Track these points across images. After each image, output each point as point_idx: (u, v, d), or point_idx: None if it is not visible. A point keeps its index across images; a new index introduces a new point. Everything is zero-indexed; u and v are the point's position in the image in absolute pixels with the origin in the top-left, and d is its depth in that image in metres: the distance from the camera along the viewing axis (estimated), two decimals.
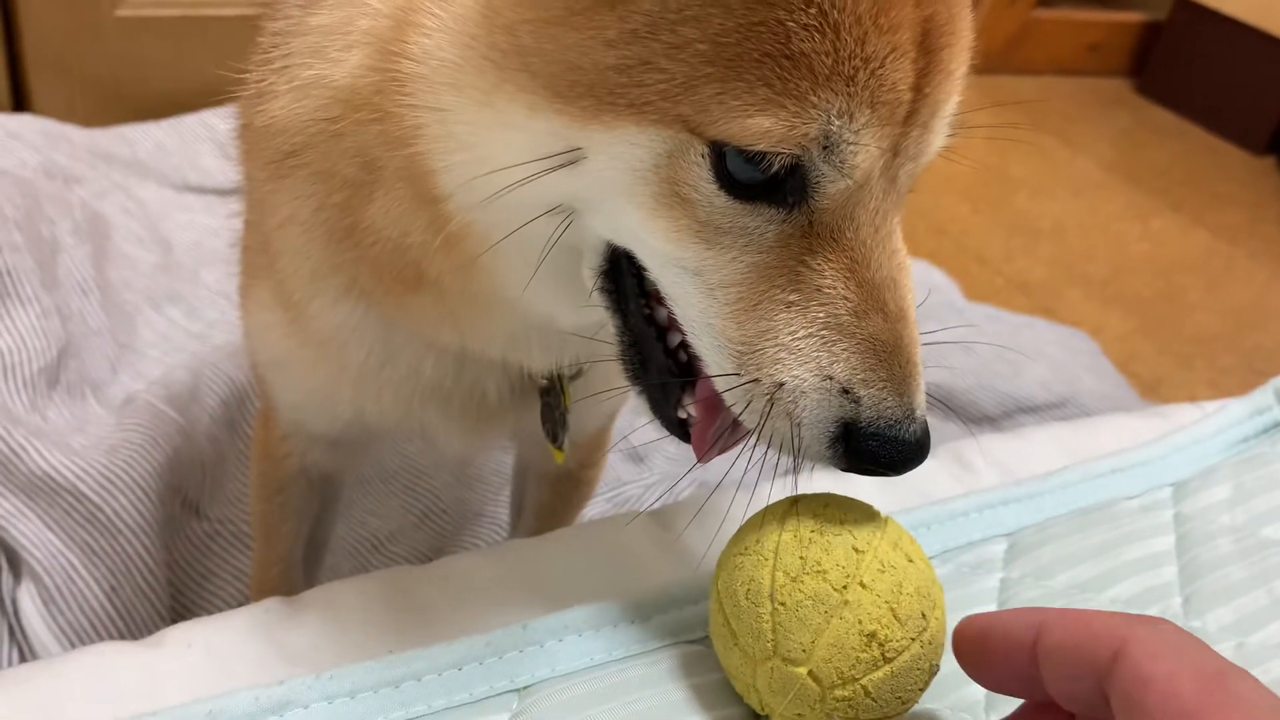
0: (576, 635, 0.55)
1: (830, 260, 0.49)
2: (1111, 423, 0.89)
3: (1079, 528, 0.74)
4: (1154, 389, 1.91)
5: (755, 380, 0.49)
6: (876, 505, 0.66)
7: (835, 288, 0.49)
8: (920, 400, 0.51)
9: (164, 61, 1.78)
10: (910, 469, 0.51)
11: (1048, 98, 3.17)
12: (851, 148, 0.46)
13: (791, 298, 0.49)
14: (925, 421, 0.51)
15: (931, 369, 1.73)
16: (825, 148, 0.46)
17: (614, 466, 1.33)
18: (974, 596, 0.66)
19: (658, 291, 0.53)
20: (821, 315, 0.49)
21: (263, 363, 0.76)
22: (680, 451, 1.38)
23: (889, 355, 0.50)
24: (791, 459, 0.50)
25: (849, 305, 0.49)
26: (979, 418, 1.53)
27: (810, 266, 0.49)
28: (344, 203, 0.58)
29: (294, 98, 0.55)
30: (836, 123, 0.45)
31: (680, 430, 0.56)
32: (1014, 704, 0.53)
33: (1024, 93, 3.15)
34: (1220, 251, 2.51)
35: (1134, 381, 1.86)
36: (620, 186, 0.48)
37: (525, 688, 0.53)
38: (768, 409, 0.49)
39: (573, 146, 0.47)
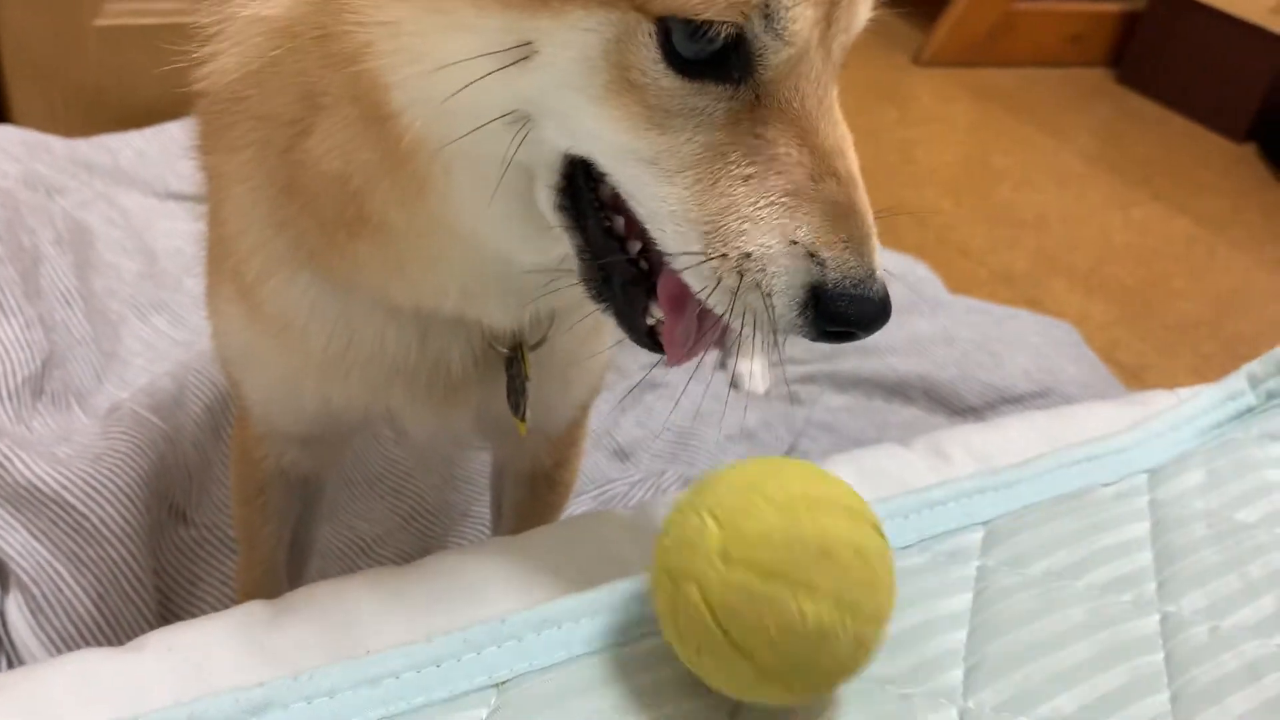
0: (555, 628, 0.56)
1: (781, 130, 0.50)
2: (1088, 410, 0.90)
3: (1055, 515, 0.75)
4: (1137, 376, 1.92)
5: (723, 256, 0.50)
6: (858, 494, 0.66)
7: (790, 154, 0.50)
8: (879, 260, 0.52)
9: (144, 70, 1.78)
10: (878, 328, 0.53)
11: (1029, 89, 3.18)
12: (790, 14, 0.48)
13: (748, 171, 0.50)
14: (885, 282, 0.52)
15: (914, 360, 1.74)
16: (766, 16, 0.48)
17: (600, 465, 1.34)
18: (951, 585, 0.67)
19: (615, 199, 0.54)
20: (780, 183, 0.50)
21: (230, 359, 0.77)
22: (665, 447, 1.39)
23: (846, 217, 0.51)
24: (767, 333, 0.52)
25: (804, 170, 0.50)
26: (962, 408, 1.54)
27: (763, 138, 0.50)
28: (285, 145, 0.58)
29: (232, 43, 0.57)
30: None
31: (650, 341, 0.57)
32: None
33: (1005, 84, 3.16)
34: (1202, 239, 2.52)
35: (1118, 370, 1.87)
36: (572, 78, 0.49)
37: (503, 683, 0.54)
38: (737, 282, 0.51)
39: (523, 40, 0.48)
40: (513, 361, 0.70)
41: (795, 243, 0.50)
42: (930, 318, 1.69)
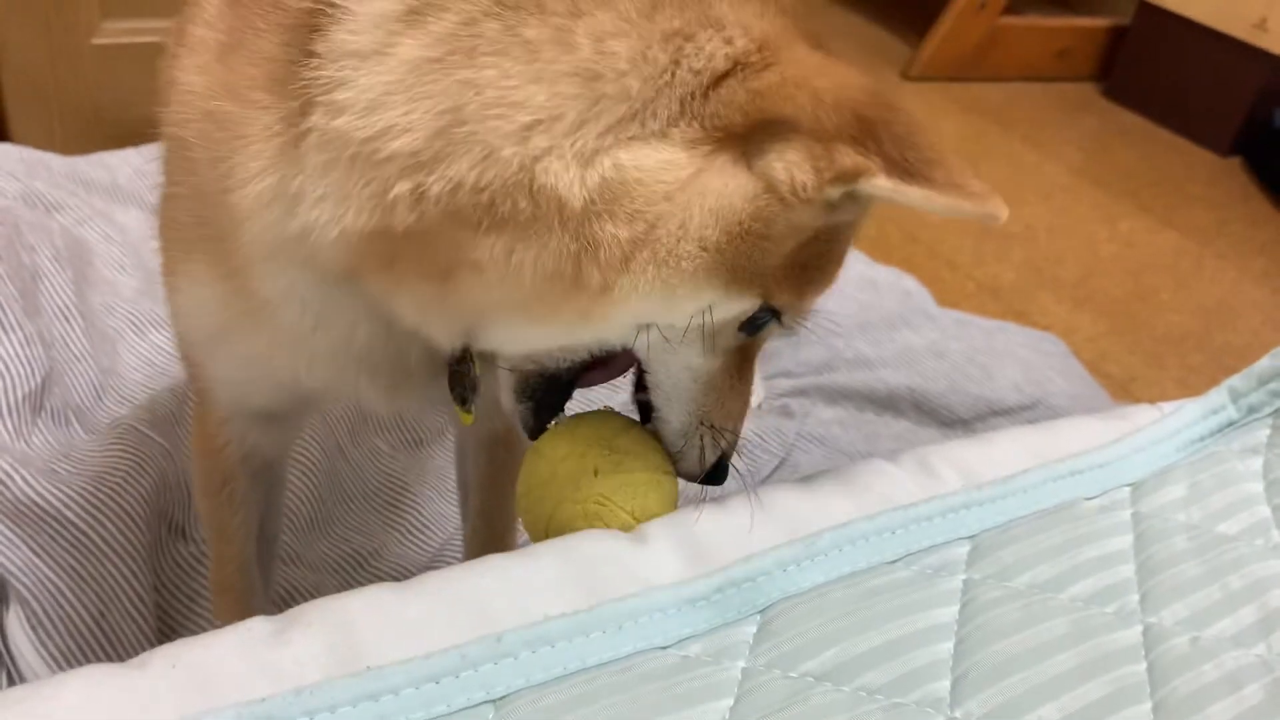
0: (550, 646, 0.57)
1: (751, 361, 0.72)
2: (1073, 425, 0.91)
3: (1040, 529, 0.76)
4: (1125, 388, 1.94)
5: (711, 426, 0.71)
6: (844, 512, 0.70)
7: (750, 375, 0.73)
8: None
9: (142, 88, 1.79)
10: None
11: (1017, 103, 3.21)
12: (801, 316, 0.69)
13: (735, 382, 0.71)
14: None
15: (904, 373, 1.76)
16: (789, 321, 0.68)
17: None
18: (938, 597, 0.68)
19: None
20: (745, 391, 0.72)
21: (198, 341, 0.78)
22: None
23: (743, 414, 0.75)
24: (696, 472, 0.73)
25: (751, 384, 0.73)
26: (952, 421, 1.56)
27: (747, 362, 0.72)
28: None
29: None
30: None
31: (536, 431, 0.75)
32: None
33: (994, 99, 3.19)
34: (1189, 251, 2.55)
35: (1106, 382, 1.89)
36: (707, 326, 0.64)
37: (501, 698, 0.55)
38: (701, 440, 0.71)
39: (710, 304, 0.63)
40: (462, 362, 0.74)
41: (737, 432, 0.73)
42: (920, 331, 1.71)
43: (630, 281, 0.59)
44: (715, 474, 0.73)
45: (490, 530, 1.04)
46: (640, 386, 0.73)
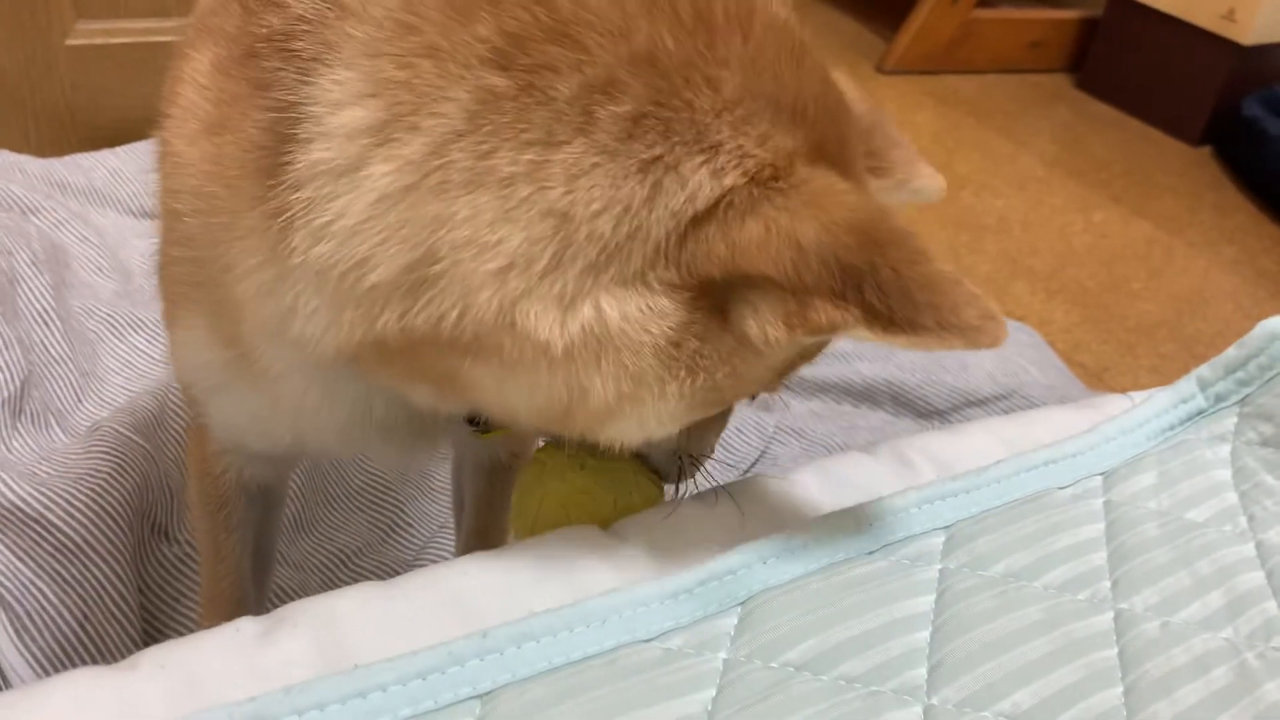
0: (535, 642, 0.58)
1: (732, 408, 0.73)
2: (1046, 415, 0.92)
3: (1014, 518, 0.77)
4: (1099, 378, 1.96)
5: (690, 455, 0.74)
6: (821, 504, 0.71)
7: (730, 413, 0.75)
8: None
9: (117, 89, 1.79)
10: None
11: (990, 95, 3.23)
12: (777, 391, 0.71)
13: (713, 423, 0.73)
14: None
15: (881, 365, 1.77)
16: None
17: None
18: (914, 587, 0.70)
19: None
20: (724, 423, 0.76)
21: (194, 384, 0.75)
22: None
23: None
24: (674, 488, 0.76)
25: (729, 417, 0.76)
26: (929, 412, 1.58)
27: (729, 410, 0.73)
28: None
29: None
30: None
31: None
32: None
33: (968, 91, 3.21)
34: (1161, 241, 2.57)
35: (1080, 371, 1.91)
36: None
37: (487, 693, 0.56)
38: (680, 464, 0.74)
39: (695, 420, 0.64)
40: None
41: (713, 448, 0.76)
42: None
43: (617, 425, 0.59)
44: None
45: (484, 546, 1.04)
46: None
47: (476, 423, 0.75)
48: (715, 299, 0.55)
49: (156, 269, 0.75)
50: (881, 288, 0.51)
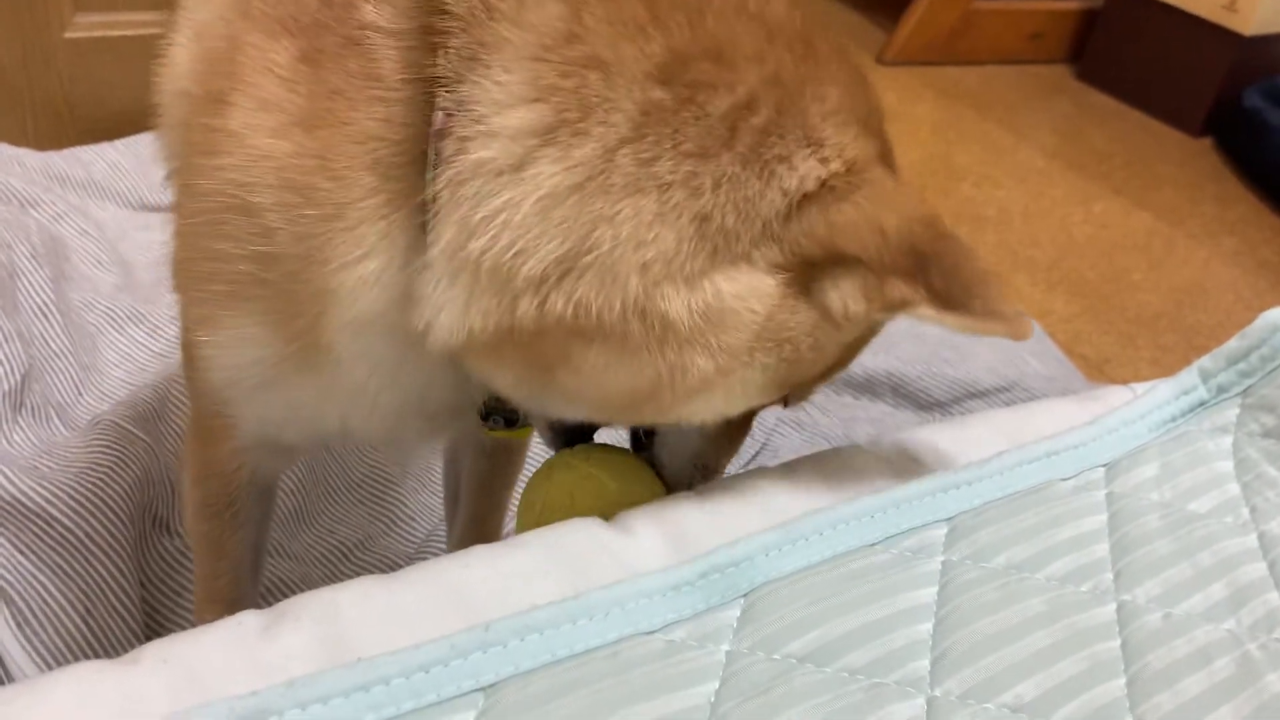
0: (538, 634, 0.58)
1: (754, 417, 0.78)
2: (1047, 407, 0.92)
3: (1016, 510, 0.77)
4: (1100, 369, 1.96)
5: (704, 467, 0.77)
6: (821, 498, 0.71)
7: (750, 424, 0.80)
8: None
9: (115, 81, 1.78)
10: None
11: (991, 86, 3.23)
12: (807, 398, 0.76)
13: (734, 433, 0.78)
14: None
15: (881, 357, 1.77)
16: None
17: None
18: (916, 579, 0.70)
19: None
20: (742, 437, 0.80)
21: (235, 392, 0.74)
22: None
23: None
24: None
25: (748, 430, 0.82)
26: (929, 404, 1.58)
27: (751, 418, 0.78)
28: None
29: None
30: None
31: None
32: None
33: (968, 82, 3.20)
34: (1161, 232, 2.57)
35: (1080, 362, 1.91)
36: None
37: (490, 686, 0.56)
38: (691, 477, 0.78)
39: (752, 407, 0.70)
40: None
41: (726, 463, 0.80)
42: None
43: (696, 402, 0.64)
44: None
45: (480, 534, 1.04)
46: (636, 436, 0.79)
47: (487, 417, 0.77)
48: (805, 277, 0.61)
49: (180, 272, 0.72)
50: (944, 273, 0.59)
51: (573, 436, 0.78)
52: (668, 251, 0.58)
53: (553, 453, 0.80)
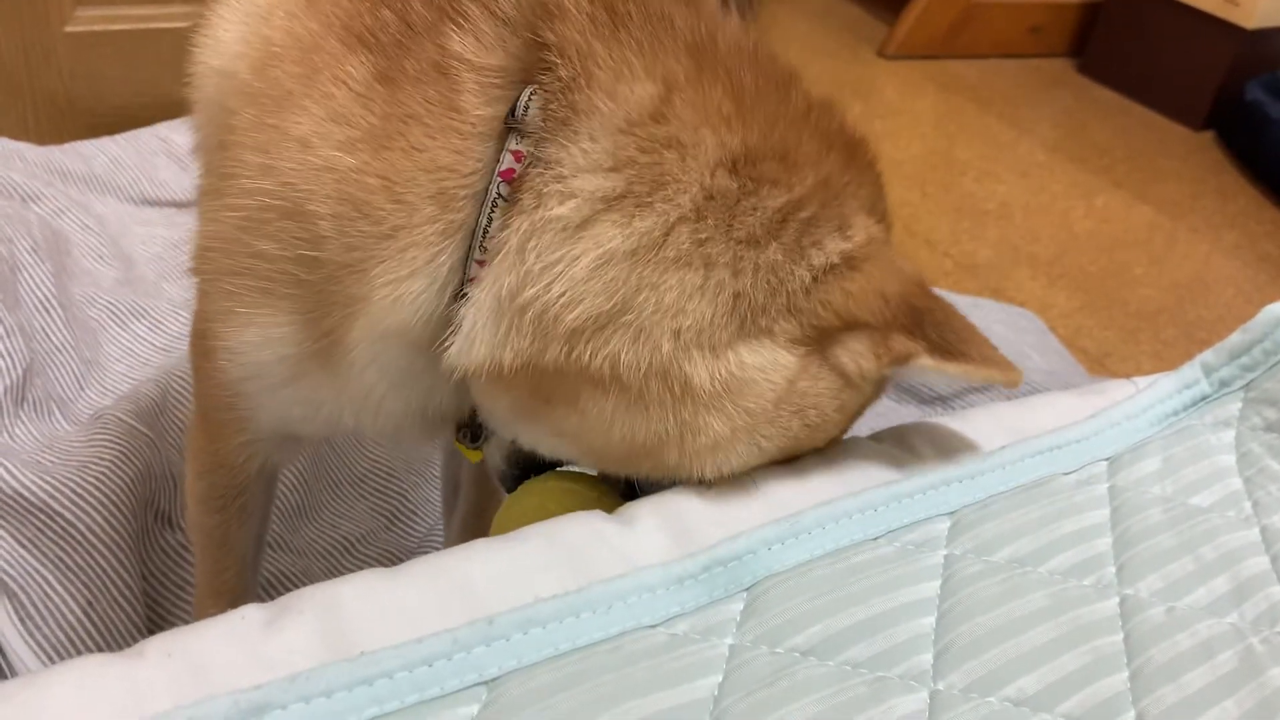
0: (541, 628, 0.58)
1: None
2: (1050, 401, 0.92)
3: (1018, 504, 0.77)
4: (1101, 363, 1.96)
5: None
6: (824, 492, 0.71)
7: None
8: None
9: (116, 76, 1.78)
10: None
11: (992, 80, 3.22)
12: None
13: None
14: None
15: None
16: None
17: None
18: (919, 573, 0.70)
19: None
20: None
21: (256, 386, 0.73)
22: None
23: None
24: None
25: None
26: (931, 398, 1.58)
27: None
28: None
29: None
30: None
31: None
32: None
33: (969, 76, 3.20)
34: (1162, 226, 2.57)
35: (1082, 357, 1.91)
36: None
37: (493, 679, 0.56)
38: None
39: None
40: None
41: None
42: None
43: (706, 460, 0.67)
44: None
45: (480, 524, 1.04)
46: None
47: (461, 431, 0.78)
48: (820, 346, 0.66)
49: (208, 261, 0.70)
50: (937, 326, 0.66)
51: (525, 473, 0.79)
52: (701, 322, 0.62)
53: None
